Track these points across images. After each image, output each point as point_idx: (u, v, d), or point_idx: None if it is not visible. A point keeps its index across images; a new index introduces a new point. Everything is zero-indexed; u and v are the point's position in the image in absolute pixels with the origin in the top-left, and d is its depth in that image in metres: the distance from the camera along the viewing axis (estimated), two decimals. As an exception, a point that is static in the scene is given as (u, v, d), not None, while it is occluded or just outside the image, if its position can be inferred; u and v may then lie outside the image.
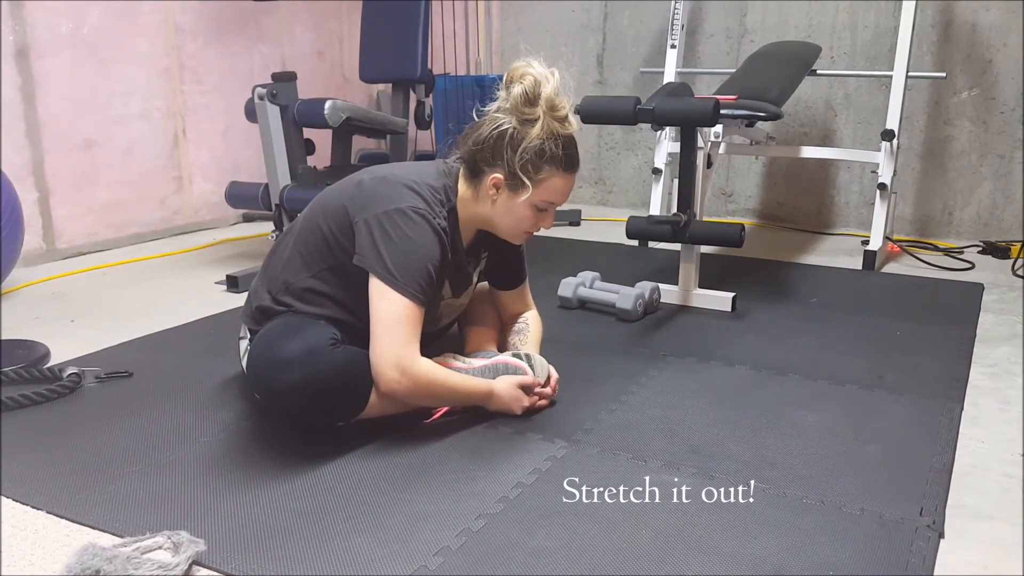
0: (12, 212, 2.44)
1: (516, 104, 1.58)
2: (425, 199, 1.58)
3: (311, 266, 1.64)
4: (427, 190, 1.60)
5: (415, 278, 1.53)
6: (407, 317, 1.52)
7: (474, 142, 1.63)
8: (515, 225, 1.66)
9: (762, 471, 1.48)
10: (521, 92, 1.57)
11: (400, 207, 1.55)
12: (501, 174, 1.60)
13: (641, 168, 4.20)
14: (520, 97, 1.57)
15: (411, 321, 1.53)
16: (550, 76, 1.59)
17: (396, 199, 1.56)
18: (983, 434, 1.67)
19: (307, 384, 1.47)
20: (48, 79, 3.06)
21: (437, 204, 1.61)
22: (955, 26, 3.42)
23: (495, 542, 1.26)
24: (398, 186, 1.59)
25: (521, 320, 1.91)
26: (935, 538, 1.28)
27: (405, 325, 1.52)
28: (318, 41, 4.15)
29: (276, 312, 1.66)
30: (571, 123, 1.62)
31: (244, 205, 2.99)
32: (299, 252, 1.66)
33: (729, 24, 3.85)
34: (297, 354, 1.47)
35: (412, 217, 1.55)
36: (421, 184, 1.61)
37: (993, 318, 2.44)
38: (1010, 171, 3.43)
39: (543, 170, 1.60)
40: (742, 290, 2.63)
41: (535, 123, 1.58)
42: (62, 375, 1.88)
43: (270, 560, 1.21)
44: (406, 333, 1.52)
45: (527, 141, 1.58)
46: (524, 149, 1.58)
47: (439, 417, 1.67)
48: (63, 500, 1.38)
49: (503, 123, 1.59)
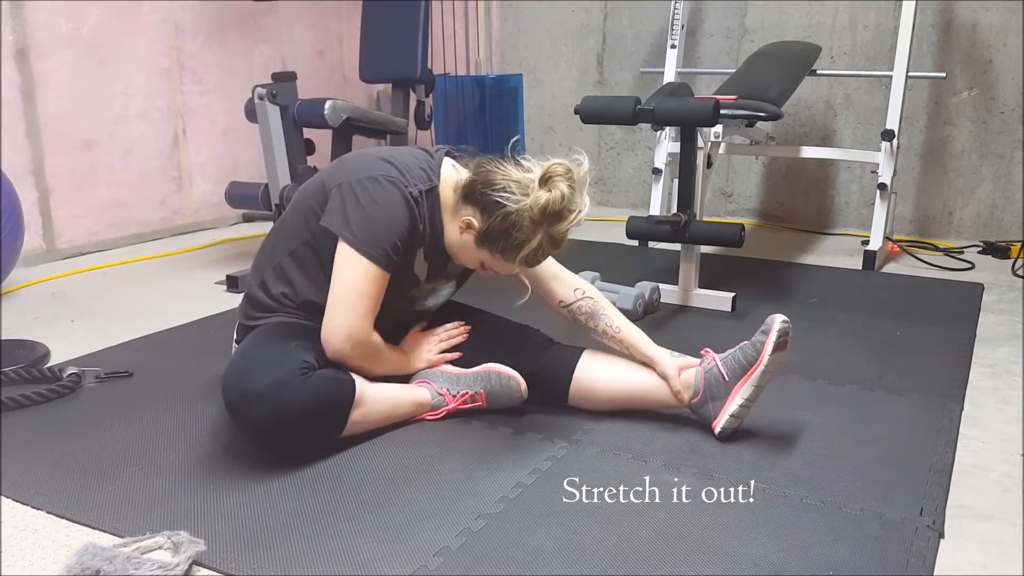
0: (12, 212, 2.44)
1: (534, 207, 1.50)
2: (399, 169, 1.59)
3: (289, 244, 1.66)
4: (403, 164, 1.60)
5: (379, 243, 1.53)
6: (367, 288, 1.53)
7: (481, 178, 1.57)
8: (459, 257, 1.67)
9: (762, 471, 1.48)
10: (546, 204, 1.50)
11: (372, 174, 1.56)
12: (478, 226, 1.57)
13: (641, 168, 4.20)
14: (541, 208, 1.50)
15: (370, 291, 1.54)
16: (582, 208, 1.53)
17: (371, 168, 1.58)
18: (983, 434, 1.67)
19: (277, 419, 1.45)
20: (48, 79, 3.06)
21: (413, 176, 1.60)
22: (955, 26, 3.42)
23: (495, 542, 1.26)
24: (374, 158, 1.61)
25: (577, 297, 1.78)
26: (935, 538, 1.28)
27: (365, 299, 1.53)
28: (318, 41, 4.15)
29: (256, 300, 1.68)
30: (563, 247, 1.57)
31: (244, 205, 2.99)
32: (280, 234, 1.69)
33: (729, 24, 3.85)
34: (264, 388, 1.44)
35: (382, 183, 1.55)
36: (398, 158, 1.61)
37: (993, 318, 2.44)
38: (1010, 171, 3.43)
39: (508, 253, 1.56)
40: (742, 290, 2.63)
41: (537, 232, 1.52)
42: (62, 375, 1.88)
43: (270, 560, 1.21)
44: (364, 307, 1.54)
45: (517, 234, 1.52)
46: (511, 237, 1.53)
47: (441, 417, 1.67)
48: (63, 500, 1.38)
49: (513, 201, 1.52)
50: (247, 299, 1.72)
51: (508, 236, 1.53)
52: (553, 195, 1.49)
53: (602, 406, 1.71)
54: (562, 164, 1.52)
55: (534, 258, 1.57)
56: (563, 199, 1.50)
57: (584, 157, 1.55)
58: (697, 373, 1.63)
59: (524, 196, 1.51)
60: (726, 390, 1.59)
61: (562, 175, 1.51)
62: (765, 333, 1.56)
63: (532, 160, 1.56)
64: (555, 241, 1.54)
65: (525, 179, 1.53)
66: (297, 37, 4.03)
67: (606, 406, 1.71)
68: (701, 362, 1.65)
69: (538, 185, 1.51)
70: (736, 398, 1.57)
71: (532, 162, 1.56)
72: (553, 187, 1.50)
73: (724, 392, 1.59)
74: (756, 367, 1.56)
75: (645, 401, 1.69)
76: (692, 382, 1.63)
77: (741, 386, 1.57)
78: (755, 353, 1.57)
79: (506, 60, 4.44)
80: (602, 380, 1.70)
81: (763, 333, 1.57)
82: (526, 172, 1.55)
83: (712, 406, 1.61)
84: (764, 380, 1.57)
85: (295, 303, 1.65)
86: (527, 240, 1.52)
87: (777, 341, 1.55)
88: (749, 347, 1.58)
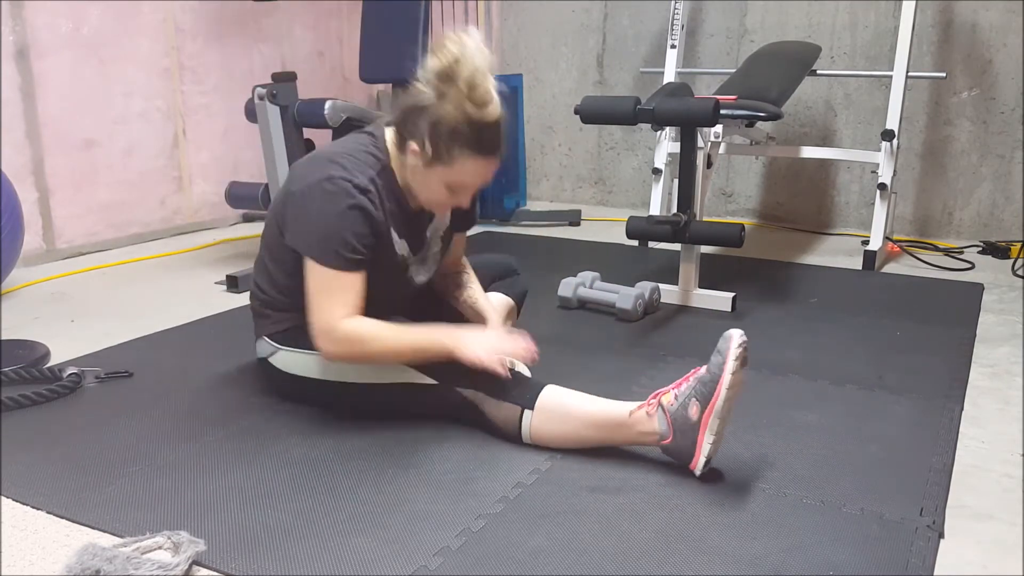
0: (12, 212, 2.44)
1: (432, 78, 1.52)
2: (343, 165, 1.58)
3: (275, 258, 1.69)
4: (348, 158, 1.60)
5: (331, 246, 1.54)
6: (329, 286, 1.55)
7: (400, 109, 1.60)
8: (430, 198, 1.64)
9: (762, 471, 1.48)
10: (437, 67, 1.51)
11: (317, 179, 1.57)
12: (418, 146, 1.57)
13: (641, 168, 4.20)
14: (436, 72, 1.51)
15: (333, 289, 1.55)
16: (476, 53, 1.50)
17: (316, 173, 1.58)
18: (983, 434, 1.67)
19: None
20: (48, 79, 3.06)
21: (360, 165, 1.60)
22: (955, 26, 3.42)
23: (495, 542, 1.26)
24: (321, 161, 1.61)
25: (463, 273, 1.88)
26: (935, 538, 1.28)
27: (327, 293, 1.55)
28: (318, 41, 4.15)
29: (265, 315, 1.74)
30: (492, 108, 1.53)
31: (244, 205, 2.99)
32: (266, 245, 1.73)
33: (729, 24, 3.85)
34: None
35: (326, 188, 1.56)
36: (341, 154, 1.61)
37: (993, 318, 2.44)
38: (1010, 171, 3.43)
39: (455, 151, 1.54)
40: (742, 290, 2.63)
41: (460, 107, 1.51)
42: (62, 375, 1.88)
43: (270, 560, 1.21)
44: (328, 300, 1.55)
45: (447, 124, 1.52)
46: (436, 126, 1.53)
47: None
48: (63, 500, 1.38)
49: (424, 96, 1.54)
50: (254, 312, 1.77)
51: (440, 132, 1.52)
52: (442, 55, 1.49)
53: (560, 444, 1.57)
54: (447, 34, 1.52)
55: (479, 139, 1.53)
56: (452, 56, 1.48)
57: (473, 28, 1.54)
58: (661, 417, 1.47)
59: (427, 82, 1.53)
60: (694, 430, 1.43)
61: (443, 39, 1.51)
62: (721, 353, 1.42)
63: None
64: (479, 104, 1.50)
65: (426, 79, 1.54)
66: (297, 37, 4.03)
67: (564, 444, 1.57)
68: (656, 401, 1.49)
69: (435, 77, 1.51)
70: (706, 435, 1.42)
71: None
72: (438, 51, 1.50)
73: (693, 431, 1.43)
74: (716, 398, 1.41)
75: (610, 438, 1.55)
76: (657, 428, 1.47)
77: (708, 418, 1.41)
78: (713, 382, 1.41)
79: (506, 60, 4.44)
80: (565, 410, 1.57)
81: (718, 353, 1.42)
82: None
83: (684, 445, 1.45)
84: (727, 409, 1.42)
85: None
86: (457, 123, 1.51)
87: (736, 356, 1.40)
88: (707, 376, 1.43)
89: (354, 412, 1.69)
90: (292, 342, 1.69)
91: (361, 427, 1.64)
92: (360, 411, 1.68)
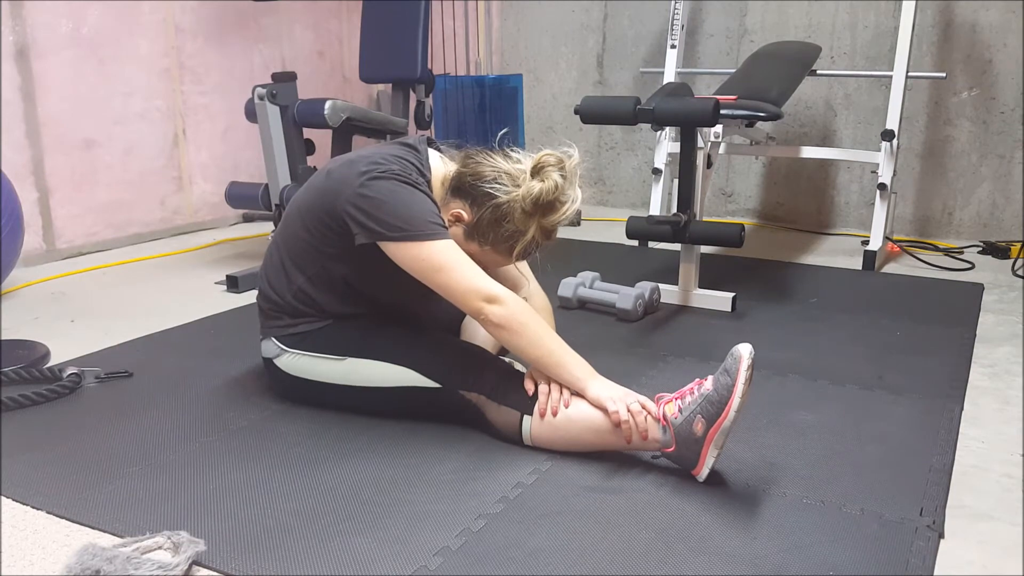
0: (12, 212, 2.44)
1: (526, 197, 1.50)
2: (392, 165, 1.56)
3: (304, 269, 1.65)
4: (393, 159, 1.57)
5: (426, 219, 1.49)
6: (450, 258, 1.48)
7: (470, 170, 1.57)
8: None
9: (762, 471, 1.48)
10: (539, 194, 1.49)
11: (371, 174, 1.52)
12: (467, 219, 1.56)
13: (641, 168, 4.20)
14: (534, 198, 1.50)
15: (458, 259, 1.48)
16: (575, 199, 1.51)
17: (372, 168, 1.54)
18: (983, 434, 1.67)
19: None
20: (48, 79, 3.06)
21: (407, 168, 1.57)
22: (955, 26, 3.42)
23: (495, 542, 1.26)
24: (364, 162, 1.57)
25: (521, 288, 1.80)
26: (935, 538, 1.28)
27: (455, 265, 1.47)
28: (318, 41, 4.15)
29: (275, 317, 1.70)
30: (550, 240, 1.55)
31: (244, 205, 2.99)
32: (289, 260, 1.67)
33: (729, 24, 3.85)
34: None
35: (384, 176, 1.52)
36: (386, 155, 1.58)
37: (993, 318, 2.44)
38: (1010, 171, 3.43)
39: (495, 243, 1.56)
40: (742, 290, 2.63)
41: (529, 224, 1.51)
42: (62, 375, 1.88)
43: (270, 560, 1.21)
44: (461, 272, 1.47)
45: (508, 226, 1.51)
46: (501, 229, 1.52)
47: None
48: (63, 500, 1.38)
49: (504, 192, 1.51)
50: (263, 314, 1.73)
51: (499, 228, 1.53)
52: (546, 185, 1.49)
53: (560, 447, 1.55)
54: (553, 155, 1.52)
55: (526, 250, 1.56)
56: (556, 189, 1.49)
57: (575, 149, 1.54)
58: (664, 427, 1.45)
59: (515, 187, 1.51)
60: (698, 444, 1.41)
61: (554, 165, 1.51)
62: (730, 373, 1.38)
63: (520, 152, 1.56)
64: (547, 232, 1.53)
65: (516, 170, 1.53)
66: (297, 37, 4.03)
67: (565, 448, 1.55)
68: (659, 406, 1.47)
69: (530, 176, 1.51)
70: (711, 450, 1.40)
71: (521, 154, 1.56)
72: (546, 177, 1.50)
73: (697, 444, 1.41)
74: (723, 419, 1.37)
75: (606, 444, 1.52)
76: (660, 436, 1.45)
77: (713, 435, 1.38)
78: (722, 404, 1.37)
79: (506, 60, 4.44)
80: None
81: (726, 373, 1.38)
82: (516, 163, 1.55)
83: (687, 456, 1.43)
84: (733, 423, 1.38)
85: (329, 312, 1.66)
86: (519, 231, 1.52)
87: (746, 379, 1.37)
88: (714, 396, 1.39)
89: (355, 412, 1.69)
90: (302, 345, 1.67)
91: (361, 427, 1.64)
92: (361, 412, 1.68)
